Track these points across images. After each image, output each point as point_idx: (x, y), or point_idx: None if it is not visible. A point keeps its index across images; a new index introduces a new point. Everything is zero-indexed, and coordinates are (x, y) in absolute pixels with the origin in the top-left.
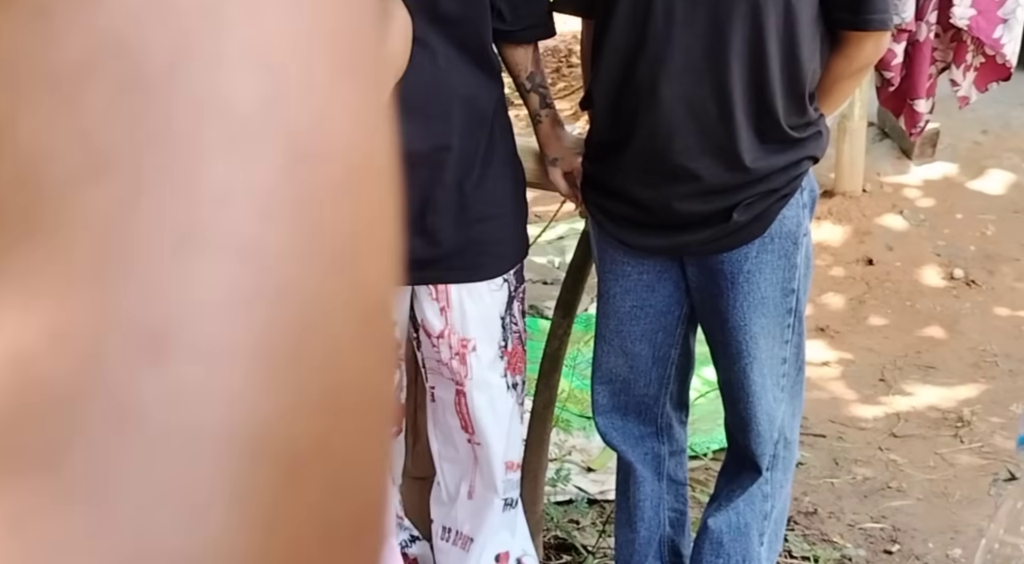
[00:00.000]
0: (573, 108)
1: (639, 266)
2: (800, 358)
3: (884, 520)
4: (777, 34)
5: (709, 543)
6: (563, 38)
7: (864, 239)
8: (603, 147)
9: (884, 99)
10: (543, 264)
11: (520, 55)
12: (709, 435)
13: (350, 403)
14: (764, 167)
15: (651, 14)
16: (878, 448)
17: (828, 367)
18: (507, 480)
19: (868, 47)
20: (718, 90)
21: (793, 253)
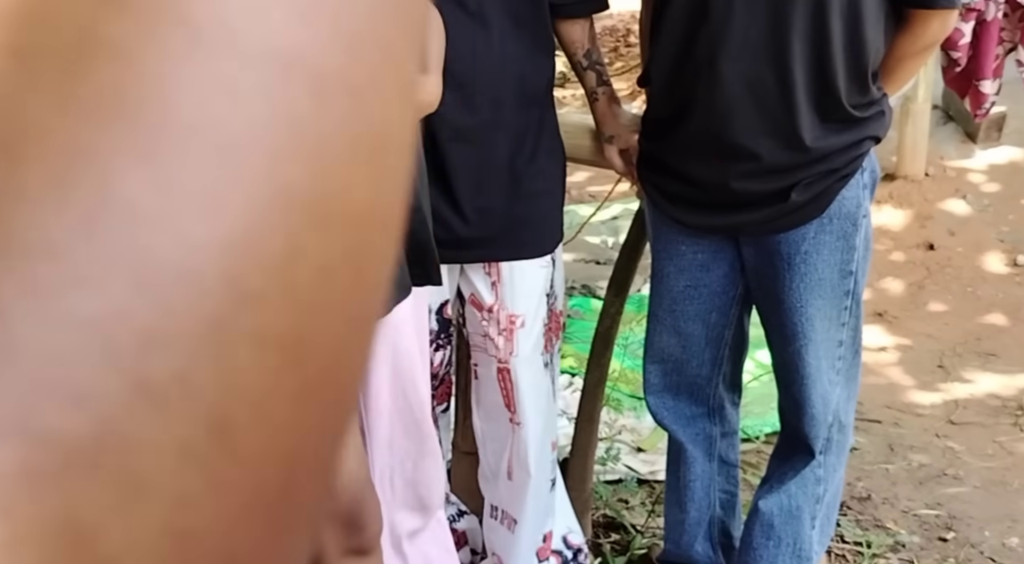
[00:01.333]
0: (631, 88)
1: (694, 245)
2: (857, 341)
3: (939, 507)
4: (840, 11)
5: (760, 525)
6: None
7: (925, 224)
8: (660, 125)
9: (950, 79)
10: (596, 244)
11: (576, 32)
12: (762, 418)
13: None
14: (824, 146)
15: None
16: (935, 435)
17: (885, 352)
18: (544, 460)
19: (934, 26)
20: (778, 68)
21: (852, 234)
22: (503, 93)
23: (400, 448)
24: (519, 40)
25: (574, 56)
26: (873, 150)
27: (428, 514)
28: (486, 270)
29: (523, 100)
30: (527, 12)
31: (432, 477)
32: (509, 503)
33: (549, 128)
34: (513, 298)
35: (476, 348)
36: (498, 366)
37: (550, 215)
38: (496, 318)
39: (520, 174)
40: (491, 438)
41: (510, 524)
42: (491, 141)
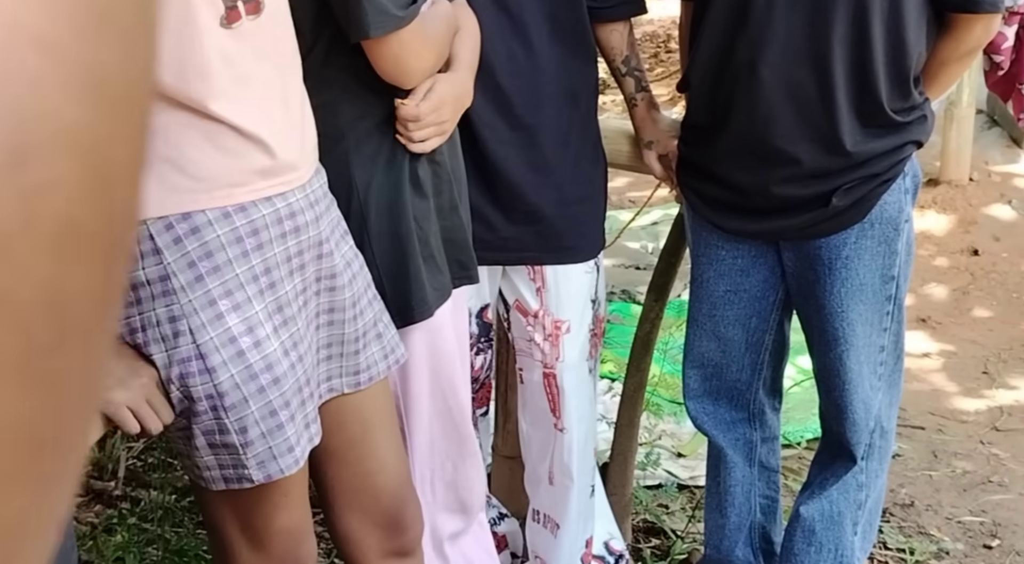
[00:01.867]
0: (671, 93)
1: (734, 250)
2: (899, 346)
3: (984, 514)
4: (882, 16)
5: (801, 531)
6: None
7: (969, 229)
8: (700, 129)
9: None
10: (636, 249)
11: (615, 38)
12: (803, 424)
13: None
14: (865, 151)
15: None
16: (979, 442)
17: (929, 358)
18: (586, 466)
19: (977, 30)
20: (819, 72)
21: (894, 239)
22: (541, 97)
23: (440, 451)
24: (558, 44)
25: (613, 62)
26: (915, 154)
27: (469, 516)
28: (530, 276)
29: (563, 104)
30: (567, 17)
31: (473, 479)
32: (551, 507)
33: (592, 134)
34: (559, 304)
35: (522, 353)
36: (544, 371)
37: (594, 220)
38: (542, 323)
39: (563, 178)
40: (535, 442)
41: (553, 528)
42: (531, 144)
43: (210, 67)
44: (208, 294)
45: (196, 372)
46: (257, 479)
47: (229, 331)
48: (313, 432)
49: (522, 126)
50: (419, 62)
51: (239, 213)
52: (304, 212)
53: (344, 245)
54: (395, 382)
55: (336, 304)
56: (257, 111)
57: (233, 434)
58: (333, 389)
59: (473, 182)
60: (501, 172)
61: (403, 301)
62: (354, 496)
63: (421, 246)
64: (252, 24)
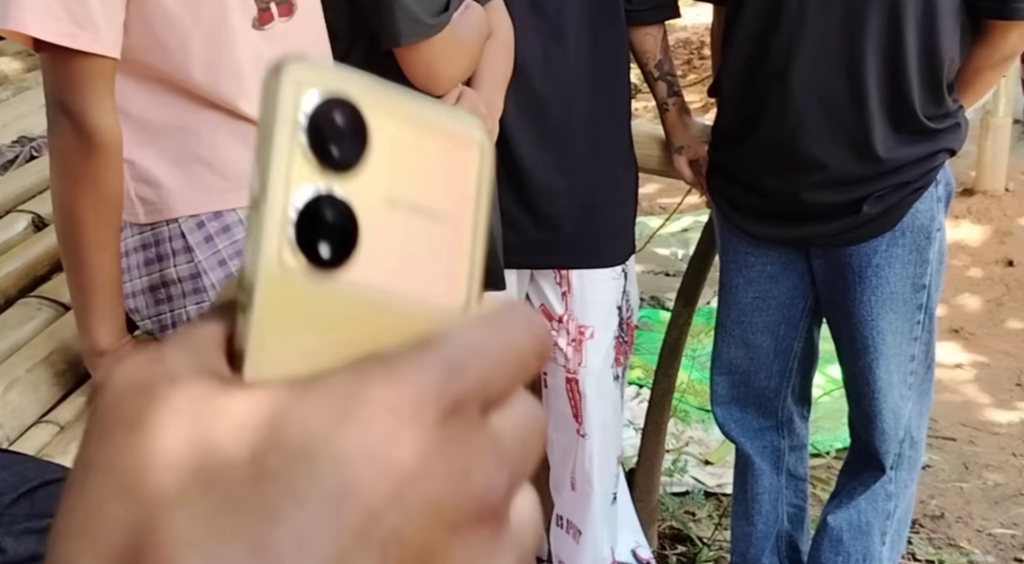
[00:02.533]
0: (704, 100)
1: (763, 257)
2: (930, 356)
3: (1015, 527)
4: (916, 22)
5: (829, 540)
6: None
7: (1005, 239)
8: (730, 135)
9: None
10: (666, 255)
11: (649, 42)
12: (832, 434)
13: None
14: (898, 158)
15: (785, 0)
16: (1011, 454)
17: (962, 369)
18: (608, 473)
19: (1013, 37)
20: (851, 78)
21: (925, 248)
22: (576, 100)
23: None
24: (595, 48)
25: (646, 66)
26: (948, 163)
27: None
28: (556, 280)
29: (597, 109)
30: (604, 21)
31: None
32: (573, 513)
33: (624, 139)
34: (583, 309)
35: None
36: (567, 376)
37: (622, 226)
38: (566, 328)
39: (593, 183)
40: (558, 447)
41: (575, 534)
42: (564, 147)
43: (242, 68)
44: None
45: None
46: None
47: None
48: None
49: (554, 130)
50: (450, 70)
51: None
52: None
53: None
54: None
55: None
56: None
57: None
58: None
59: (504, 185)
60: (531, 176)
61: None
62: None
63: None
64: (284, 26)
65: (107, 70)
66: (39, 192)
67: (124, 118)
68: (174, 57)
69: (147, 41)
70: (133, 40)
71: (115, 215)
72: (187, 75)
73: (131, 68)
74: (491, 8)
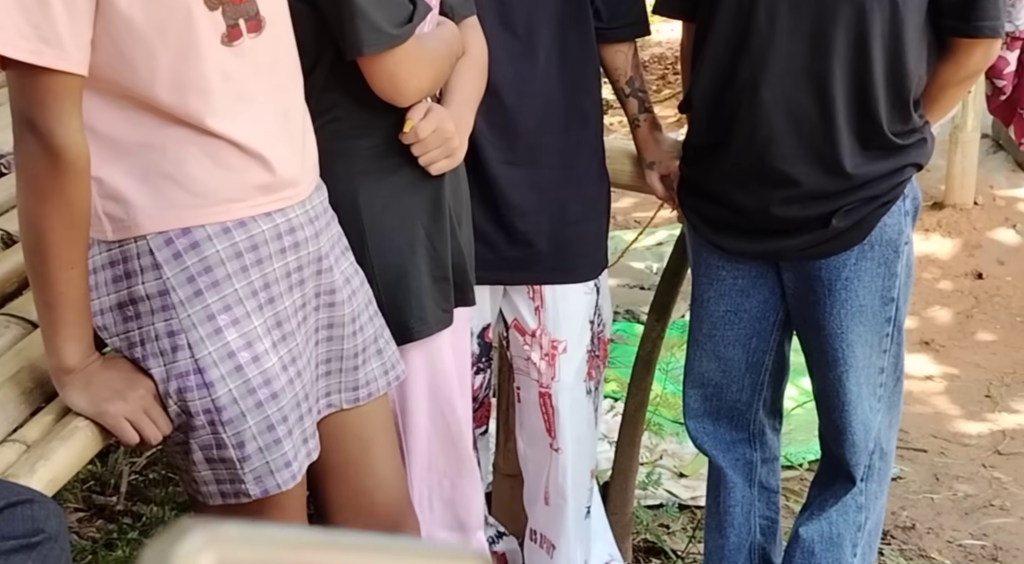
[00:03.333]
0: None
1: (734, 271)
2: (899, 368)
3: (985, 538)
4: (882, 39)
5: (800, 552)
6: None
7: (974, 252)
8: (701, 150)
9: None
10: (641, 269)
11: (620, 59)
12: (805, 446)
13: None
14: (865, 173)
15: (754, 16)
16: (981, 465)
17: (932, 381)
18: (581, 488)
19: (978, 54)
20: (820, 94)
21: (893, 261)
22: (548, 118)
23: (438, 469)
24: (565, 65)
25: (617, 83)
26: (916, 177)
27: (467, 534)
28: (530, 295)
29: (569, 125)
30: (574, 38)
31: (470, 497)
32: (547, 527)
33: (596, 155)
34: (556, 323)
35: (519, 372)
36: (540, 391)
37: (595, 242)
38: (539, 343)
39: (565, 199)
40: (532, 462)
41: (548, 548)
42: (537, 164)
43: (210, 84)
44: (207, 309)
45: (194, 386)
46: (254, 494)
47: (227, 346)
48: (311, 447)
49: (527, 147)
50: (414, 81)
51: (239, 228)
52: (304, 228)
53: (344, 261)
54: (394, 400)
55: (335, 320)
56: (257, 127)
57: (230, 449)
58: (332, 405)
59: (476, 202)
60: (504, 193)
61: (402, 319)
62: (352, 512)
63: (434, 266)
64: (253, 42)
65: (74, 87)
66: (8, 209)
67: (91, 135)
68: (141, 74)
69: (114, 58)
70: (100, 57)
71: (83, 232)
72: (154, 92)
73: (98, 85)
74: (465, 26)
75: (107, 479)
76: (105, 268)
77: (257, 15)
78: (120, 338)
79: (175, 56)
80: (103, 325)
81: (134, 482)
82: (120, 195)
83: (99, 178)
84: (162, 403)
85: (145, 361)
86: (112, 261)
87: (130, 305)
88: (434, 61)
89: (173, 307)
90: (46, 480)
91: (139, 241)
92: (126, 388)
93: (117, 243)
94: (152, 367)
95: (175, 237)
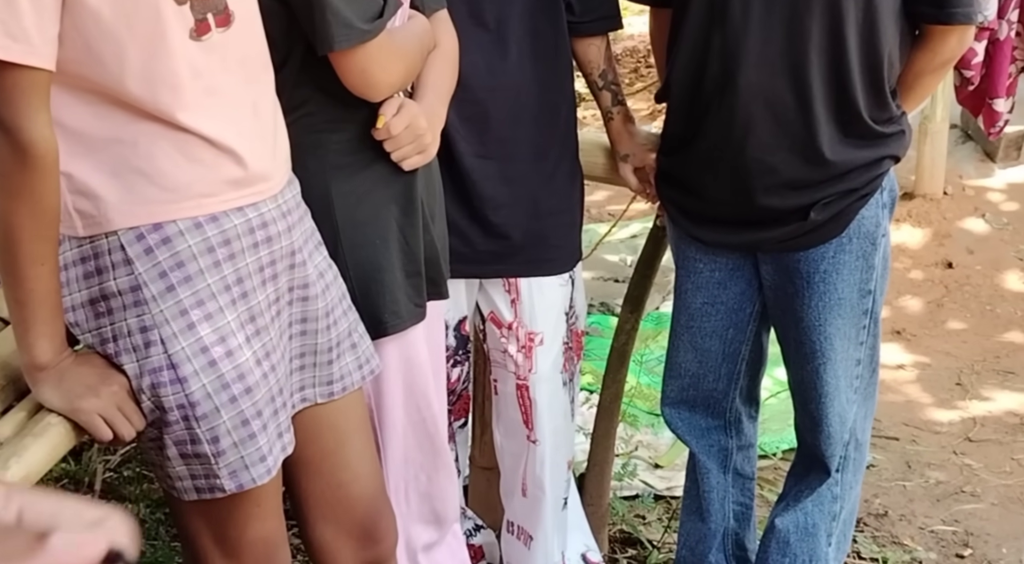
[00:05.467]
0: (651, 107)
1: (711, 263)
2: (875, 359)
3: (956, 524)
4: (857, 26)
5: (776, 542)
6: (642, 38)
7: (944, 242)
8: (678, 140)
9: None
10: (615, 262)
11: (592, 53)
12: (779, 435)
13: None
14: (844, 161)
15: (729, 4)
16: (952, 452)
17: (904, 370)
18: (559, 479)
19: (952, 42)
20: (796, 82)
21: (871, 254)
22: (520, 111)
23: (414, 462)
24: (537, 59)
25: (590, 76)
26: (892, 169)
27: (443, 527)
28: (506, 288)
29: (541, 119)
30: (546, 32)
31: (447, 491)
32: (524, 519)
33: (569, 148)
34: (532, 316)
35: (496, 364)
36: (517, 383)
37: (568, 234)
38: (515, 335)
39: (539, 192)
40: (509, 454)
41: (526, 540)
42: (509, 157)
43: (179, 79)
44: (180, 304)
45: (167, 382)
46: (229, 489)
47: (201, 341)
48: (286, 442)
49: (499, 140)
50: (386, 76)
51: (210, 223)
52: (276, 222)
53: (318, 255)
54: (369, 394)
55: (309, 314)
56: (227, 122)
57: (205, 444)
58: (306, 399)
59: (450, 196)
60: (477, 186)
61: (375, 313)
62: (328, 507)
63: (406, 261)
64: (222, 36)
65: (42, 82)
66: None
67: (60, 130)
68: (110, 69)
69: (82, 53)
70: (68, 52)
71: (52, 228)
72: (123, 87)
73: (66, 80)
74: (436, 20)
75: (81, 477)
76: (76, 264)
77: (226, 9)
78: (92, 334)
79: (143, 51)
80: (75, 321)
81: (108, 480)
82: (90, 190)
83: (69, 173)
84: (135, 399)
85: (118, 357)
86: (83, 257)
87: (102, 301)
88: (405, 55)
89: (145, 302)
90: (19, 477)
91: (110, 237)
92: (99, 384)
93: (88, 239)
94: (125, 363)
95: (146, 232)
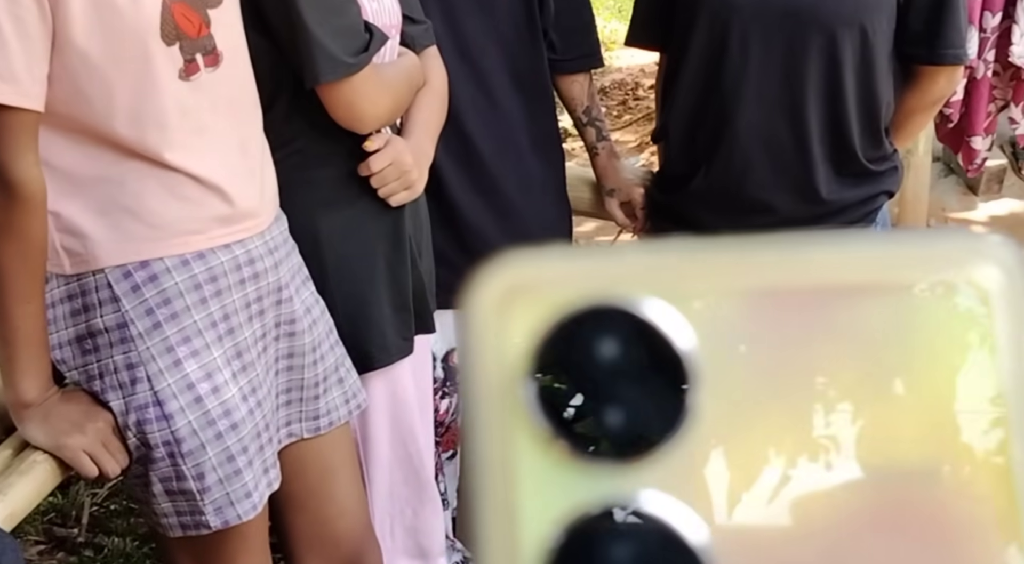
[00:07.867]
0: (639, 140)
1: None
2: None
3: None
4: (854, 67)
5: None
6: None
7: None
8: (676, 179)
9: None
10: None
11: (576, 89)
12: None
13: None
14: (840, 199)
15: (727, 47)
16: None
17: None
18: None
19: (941, 81)
20: (794, 122)
21: None
22: (507, 144)
23: (400, 497)
24: (520, 93)
25: (574, 112)
26: (886, 205)
27: (429, 562)
28: None
29: (527, 152)
30: (526, 67)
31: (432, 525)
32: None
33: (556, 180)
34: None
35: None
36: None
37: None
38: None
39: (527, 224)
40: None
41: None
42: (495, 190)
43: (167, 118)
44: (166, 341)
45: (153, 419)
46: (214, 525)
47: (187, 377)
48: (272, 477)
49: (486, 173)
50: (373, 108)
51: (197, 260)
52: (263, 259)
53: (304, 290)
54: (355, 428)
55: (295, 349)
56: (215, 160)
57: (190, 480)
58: (293, 434)
59: (438, 227)
60: (465, 218)
61: (363, 347)
62: (314, 542)
63: (394, 296)
64: (211, 76)
65: (30, 123)
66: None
67: (48, 170)
68: (98, 109)
69: (71, 93)
70: (56, 93)
71: (39, 267)
72: (111, 127)
73: (55, 120)
74: (425, 56)
75: (68, 511)
76: (63, 302)
77: (214, 50)
78: (79, 371)
79: (132, 91)
80: (62, 359)
81: (95, 513)
82: (78, 229)
83: (56, 212)
84: (121, 436)
85: (104, 394)
86: (70, 294)
87: (89, 338)
88: (392, 89)
89: (132, 340)
90: (4, 514)
91: (97, 274)
92: (84, 421)
93: (75, 277)
94: (111, 400)
95: (133, 270)
